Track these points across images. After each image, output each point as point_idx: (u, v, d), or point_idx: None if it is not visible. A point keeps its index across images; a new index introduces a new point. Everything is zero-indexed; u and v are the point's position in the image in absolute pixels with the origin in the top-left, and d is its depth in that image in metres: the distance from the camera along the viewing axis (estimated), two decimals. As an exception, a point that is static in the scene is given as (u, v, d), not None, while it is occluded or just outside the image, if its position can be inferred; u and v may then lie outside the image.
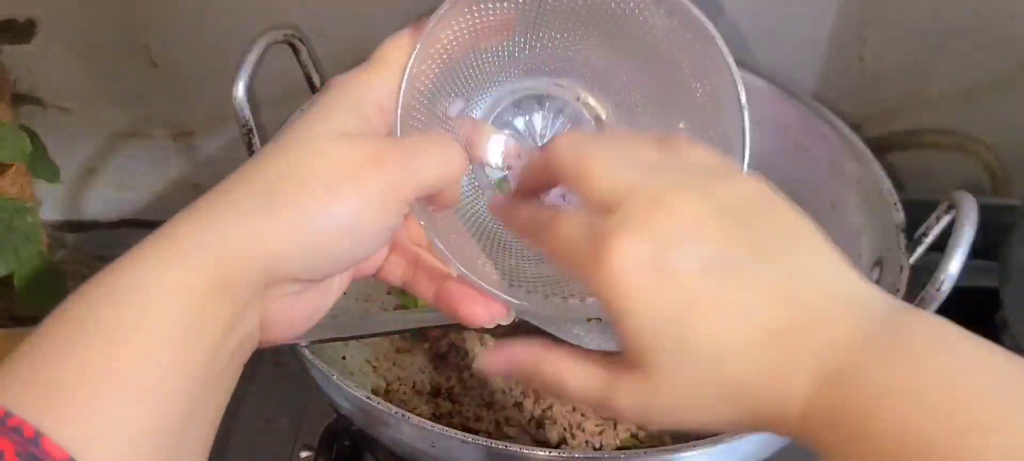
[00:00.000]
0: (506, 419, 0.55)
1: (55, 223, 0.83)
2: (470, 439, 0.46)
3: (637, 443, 0.55)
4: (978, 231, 0.49)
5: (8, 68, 0.71)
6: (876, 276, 0.56)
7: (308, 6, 0.68)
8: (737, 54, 0.70)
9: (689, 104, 0.39)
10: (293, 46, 0.61)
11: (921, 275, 0.52)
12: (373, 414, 0.48)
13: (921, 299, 0.47)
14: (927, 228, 0.54)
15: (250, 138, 0.58)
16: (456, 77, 0.40)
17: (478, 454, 0.47)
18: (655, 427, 0.33)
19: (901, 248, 0.54)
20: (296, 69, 0.62)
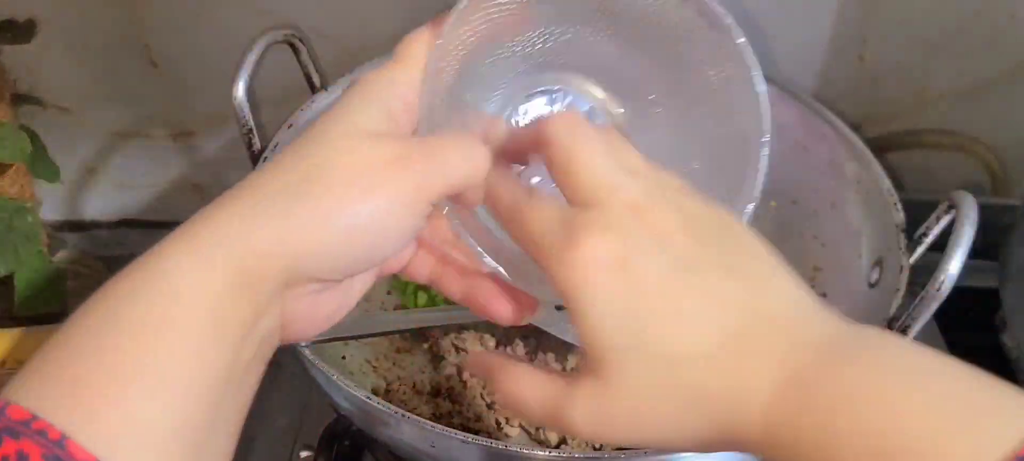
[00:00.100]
0: (506, 419, 0.55)
1: (55, 223, 0.83)
2: (470, 439, 0.46)
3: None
4: (978, 231, 0.49)
5: (8, 68, 0.71)
6: (876, 276, 0.56)
7: (308, 6, 0.68)
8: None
9: (703, 94, 0.39)
10: (293, 46, 0.61)
11: (921, 275, 0.52)
12: (373, 414, 0.48)
13: (921, 299, 0.47)
14: (927, 228, 0.54)
15: (250, 138, 0.58)
16: (475, 73, 0.40)
17: (478, 454, 0.47)
18: (612, 442, 0.33)
19: (901, 248, 0.54)
20: (296, 69, 0.62)
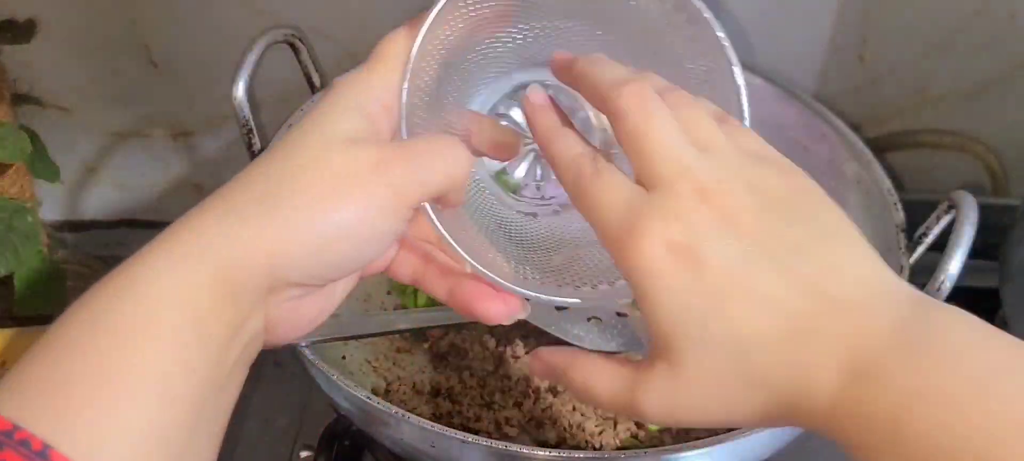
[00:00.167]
0: (506, 419, 0.55)
1: (55, 223, 0.83)
2: (470, 439, 0.46)
3: (637, 443, 0.55)
4: (978, 231, 0.49)
5: (8, 68, 0.71)
6: (876, 276, 0.56)
7: (308, 6, 0.68)
8: (738, 54, 0.70)
9: (684, 87, 0.39)
10: (293, 46, 0.61)
11: (921, 275, 0.52)
12: (373, 414, 0.48)
13: (921, 299, 0.47)
14: (927, 228, 0.54)
15: (250, 138, 0.58)
16: (456, 71, 0.40)
17: (478, 454, 0.47)
18: (682, 424, 0.33)
19: (901, 248, 0.54)
20: (296, 69, 0.62)
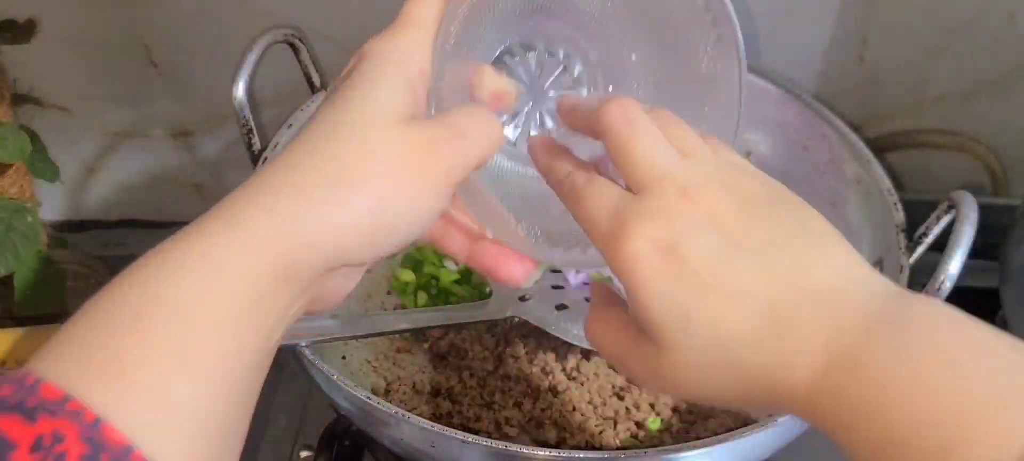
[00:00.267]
0: (506, 419, 0.55)
1: (55, 223, 0.83)
2: (470, 439, 0.46)
3: (637, 443, 0.55)
4: (978, 231, 0.49)
5: (8, 68, 0.71)
6: (876, 276, 0.56)
7: (308, 6, 0.68)
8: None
9: (685, 77, 0.40)
10: (293, 46, 0.61)
11: (921, 275, 0.52)
12: (373, 414, 0.48)
13: (921, 299, 0.47)
14: (927, 228, 0.54)
15: (250, 138, 0.58)
16: (470, 31, 0.40)
17: (478, 454, 0.47)
18: (668, 395, 0.34)
19: (901, 248, 0.54)
20: (296, 69, 0.62)
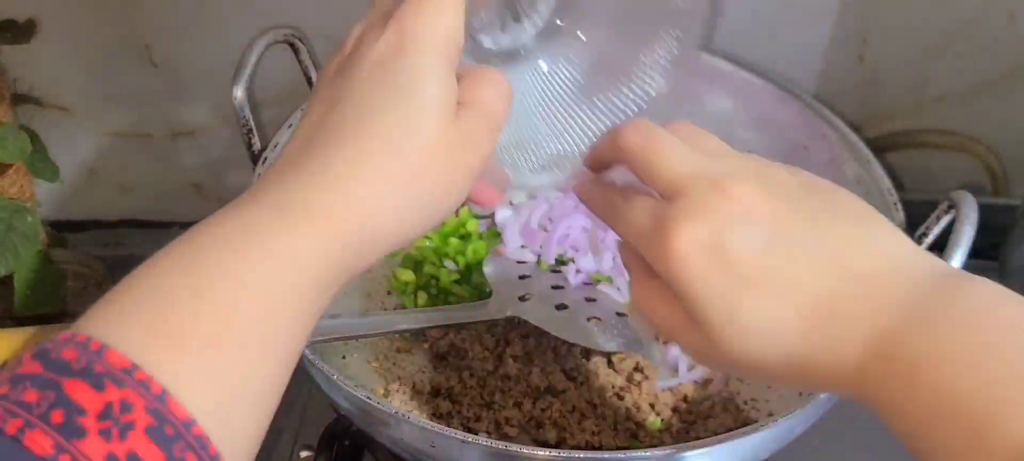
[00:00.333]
0: (506, 419, 0.55)
1: (55, 223, 0.83)
2: (470, 439, 0.46)
3: (637, 443, 0.55)
4: (978, 231, 0.49)
5: (8, 68, 0.71)
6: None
7: (308, 6, 0.68)
8: (738, 54, 0.70)
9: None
10: (293, 46, 0.61)
11: (921, 275, 0.52)
12: (373, 414, 0.48)
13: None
14: (927, 228, 0.54)
15: (250, 138, 0.58)
16: None
17: (478, 454, 0.47)
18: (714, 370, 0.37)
19: (901, 248, 0.54)
20: (296, 69, 0.62)
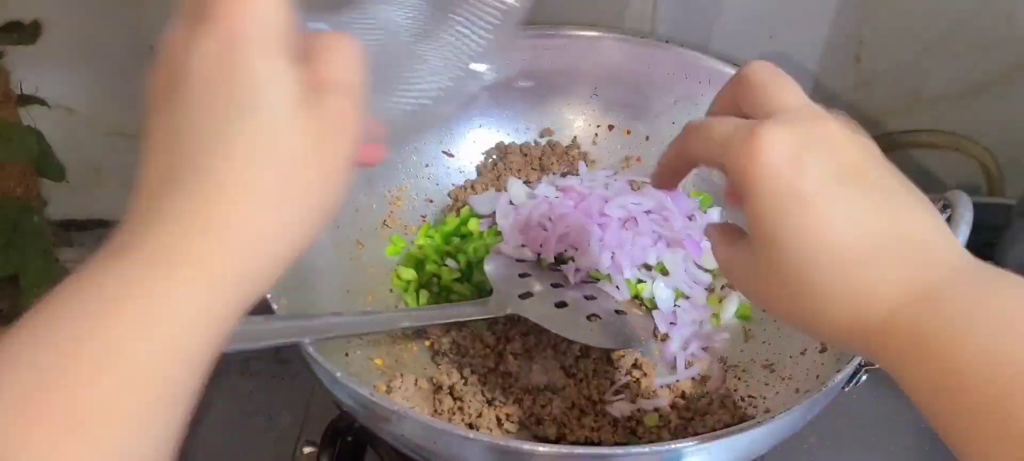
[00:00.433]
0: (506, 415, 0.56)
1: (61, 222, 0.84)
2: (471, 435, 0.47)
3: (635, 439, 0.55)
4: (973, 230, 0.50)
5: (13, 69, 0.71)
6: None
7: (309, 8, 0.68)
8: (735, 55, 0.71)
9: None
10: (296, 48, 0.61)
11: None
12: (375, 411, 0.49)
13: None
14: (922, 227, 0.54)
15: (254, 139, 0.59)
16: None
17: (479, 450, 0.47)
18: (757, 304, 0.40)
19: (896, 247, 0.55)
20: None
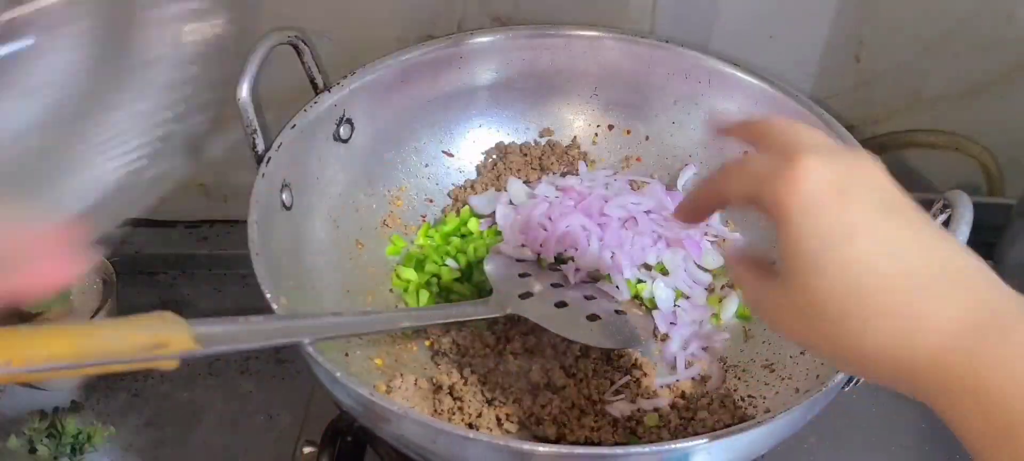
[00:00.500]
0: (506, 415, 0.56)
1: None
2: (471, 435, 0.47)
3: (636, 439, 0.55)
4: (973, 230, 0.50)
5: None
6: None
7: (311, 9, 0.68)
8: (735, 55, 0.71)
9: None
10: (296, 48, 0.61)
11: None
12: (375, 411, 0.49)
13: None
14: (922, 227, 0.54)
15: (254, 139, 0.59)
16: None
17: (479, 450, 0.47)
18: (789, 339, 0.38)
19: (896, 247, 0.55)
20: (299, 70, 0.63)
